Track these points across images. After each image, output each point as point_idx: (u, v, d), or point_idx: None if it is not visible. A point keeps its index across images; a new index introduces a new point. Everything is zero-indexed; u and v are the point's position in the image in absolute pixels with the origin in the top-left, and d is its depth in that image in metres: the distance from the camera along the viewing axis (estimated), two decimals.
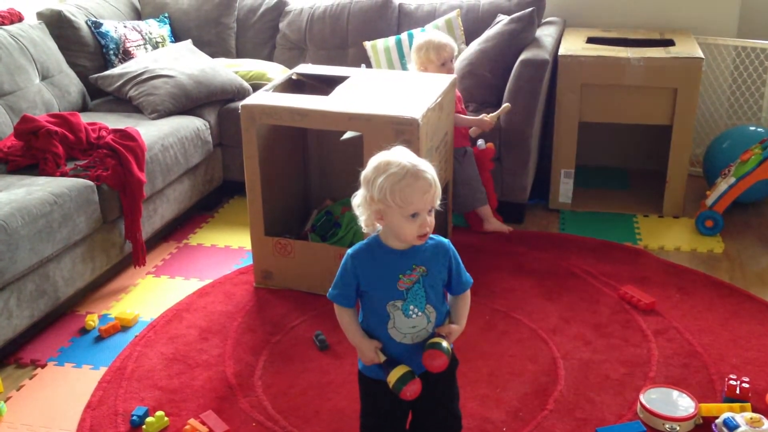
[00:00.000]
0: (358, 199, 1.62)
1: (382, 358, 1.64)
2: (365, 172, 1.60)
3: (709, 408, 2.10)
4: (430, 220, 1.58)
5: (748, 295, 2.75)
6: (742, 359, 2.37)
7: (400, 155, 1.58)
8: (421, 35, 3.13)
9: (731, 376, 2.21)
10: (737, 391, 2.14)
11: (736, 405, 2.10)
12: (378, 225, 1.62)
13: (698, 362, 2.36)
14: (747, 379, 2.19)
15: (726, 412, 2.06)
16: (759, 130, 3.44)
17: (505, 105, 3.08)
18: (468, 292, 1.72)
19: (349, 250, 1.67)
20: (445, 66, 3.03)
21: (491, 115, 3.07)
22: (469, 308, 1.72)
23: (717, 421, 2.05)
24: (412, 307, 1.63)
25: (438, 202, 1.60)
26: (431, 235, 1.63)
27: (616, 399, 2.20)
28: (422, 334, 1.65)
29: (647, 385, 2.22)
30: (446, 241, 1.69)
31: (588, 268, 2.95)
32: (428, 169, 1.57)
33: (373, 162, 1.60)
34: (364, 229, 1.64)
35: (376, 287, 1.64)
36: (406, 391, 1.60)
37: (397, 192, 1.53)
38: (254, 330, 2.58)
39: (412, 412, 1.77)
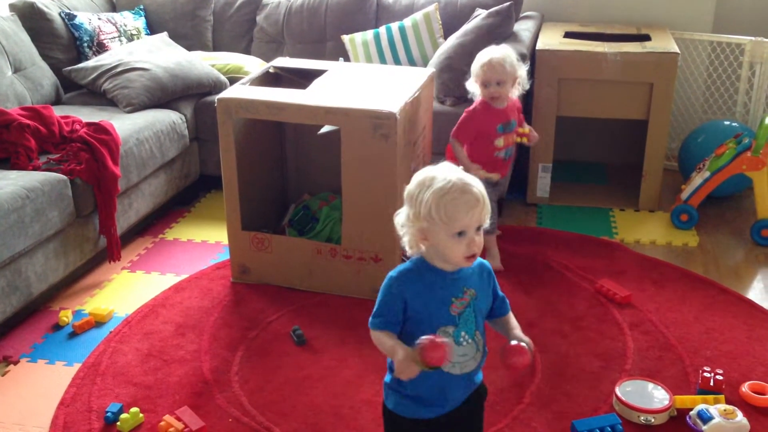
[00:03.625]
0: (401, 218, 1.49)
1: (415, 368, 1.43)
2: (409, 188, 1.48)
3: (683, 400, 2.12)
4: (479, 239, 1.45)
5: (722, 288, 2.78)
6: (716, 352, 2.39)
7: (445, 169, 1.46)
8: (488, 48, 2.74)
9: (705, 368, 2.24)
10: (711, 383, 2.17)
11: (710, 397, 2.12)
12: (422, 247, 1.48)
13: (673, 355, 2.38)
14: (721, 372, 2.21)
15: (700, 404, 2.08)
16: (733, 124, 3.47)
17: (494, 174, 2.76)
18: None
19: (392, 273, 1.51)
20: (487, 89, 2.68)
21: (483, 173, 2.67)
22: None
23: (691, 413, 2.07)
24: (463, 333, 1.50)
25: (487, 220, 1.46)
26: None
27: (592, 392, 2.21)
28: (470, 364, 1.52)
29: (623, 378, 2.24)
30: (486, 261, 1.57)
31: (565, 261, 2.97)
32: (476, 184, 1.45)
33: (418, 177, 1.48)
34: (409, 252, 1.51)
35: (427, 311, 1.48)
36: (428, 356, 1.37)
37: (442, 207, 1.41)
38: (231, 325, 2.56)
39: None
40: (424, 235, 1.45)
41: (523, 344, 1.50)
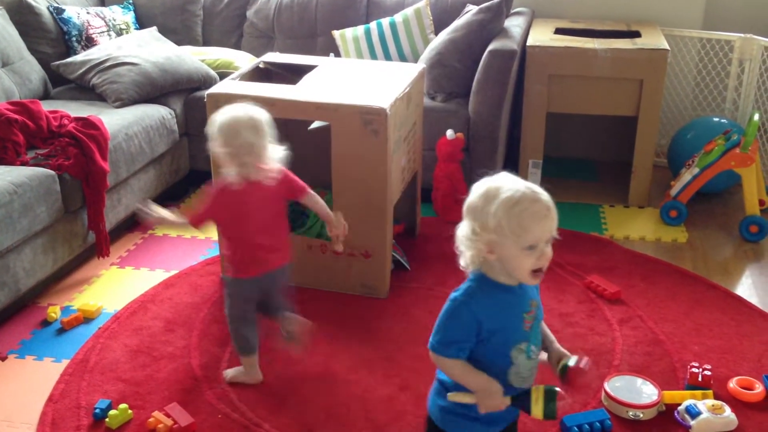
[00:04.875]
0: (463, 231, 1.42)
1: (508, 400, 1.45)
2: (471, 201, 1.40)
3: (672, 395, 2.13)
4: (549, 252, 1.40)
5: (710, 284, 2.79)
6: (704, 347, 2.41)
7: (510, 179, 1.40)
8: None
9: (693, 363, 2.25)
10: (699, 379, 2.18)
11: (698, 392, 2.14)
12: (485, 261, 1.41)
13: (661, 350, 2.39)
14: (709, 367, 2.22)
15: (688, 400, 2.09)
16: (722, 121, 3.49)
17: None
18: None
19: (458, 295, 1.43)
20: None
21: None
22: None
23: (679, 408, 2.08)
24: (533, 347, 1.47)
25: (556, 232, 1.40)
26: None
27: (581, 387, 2.21)
28: (534, 374, 1.50)
29: (612, 373, 2.24)
30: None
31: (554, 257, 2.94)
32: (545, 194, 1.40)
33: (480, 188, 1.40)
34: (468, 267, 1.43)
35: (503, 331, 1.42)
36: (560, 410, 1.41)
37: (514, 218, 1.34)
38: (220, 321, 2.55)
39: None
40: (491, 249, 1.38)
41: (583, 361, 1.47)
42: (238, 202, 2.08)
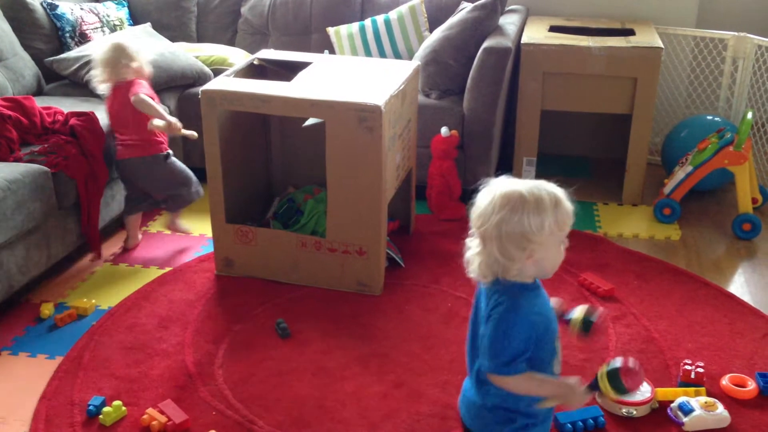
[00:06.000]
0: (502, 248, 1.38)
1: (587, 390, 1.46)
2: (503, 216, 1.38)
3: (665, 393, 2.14)
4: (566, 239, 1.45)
5: (703, 281, 2.81)
6: (697, 344, 2.42)
7: (519, 182, 1.44)
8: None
9: (686, 361, 2.26)
10: (692, 376, 2.19)
11: (691, 389, 2.14)
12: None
13: (655, 348, 2.40)
14: (702, 364, 2.23)
15: (681, 397, 2.10)
16: (716, 119, 3.50)
17: (191, 133, 2.92)
18: None
19: (506, 309, 1.40)
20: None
21: (184, 131, 2.89)
22: None
23: (672, 405, 2.09)
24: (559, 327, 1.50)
25: None
26: None
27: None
28: None
29: None
30: None
31: None
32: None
33: (503, 200, 1.40)
34: (490, 280, 1.42)
35: (549, 327, 1.45)
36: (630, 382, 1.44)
37: (560, 216, 1.40)
38: (215, 318, 2.55)
39: None
40: (531, 255, 1.39)
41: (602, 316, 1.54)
42: (107, 105, 2.93)
